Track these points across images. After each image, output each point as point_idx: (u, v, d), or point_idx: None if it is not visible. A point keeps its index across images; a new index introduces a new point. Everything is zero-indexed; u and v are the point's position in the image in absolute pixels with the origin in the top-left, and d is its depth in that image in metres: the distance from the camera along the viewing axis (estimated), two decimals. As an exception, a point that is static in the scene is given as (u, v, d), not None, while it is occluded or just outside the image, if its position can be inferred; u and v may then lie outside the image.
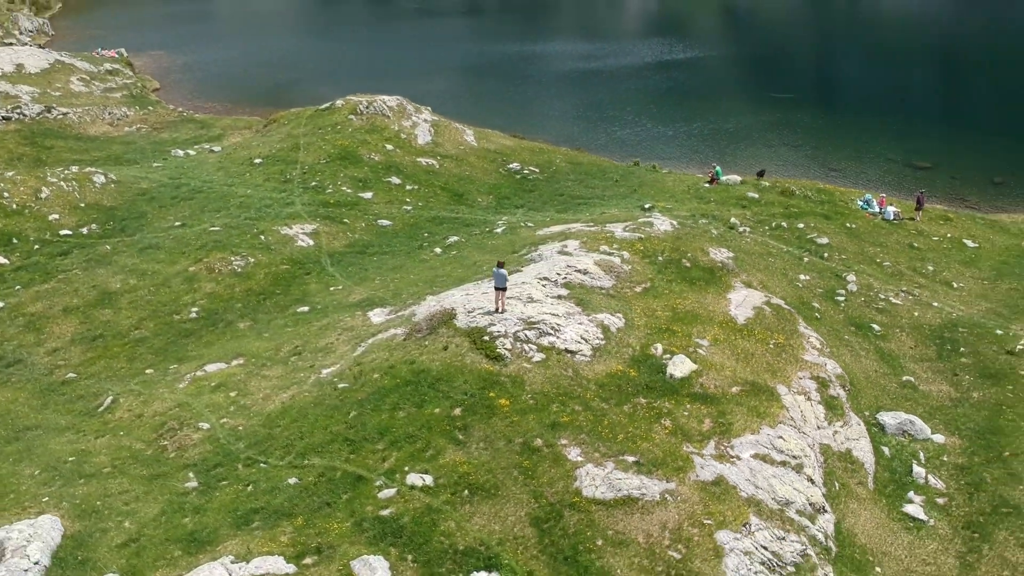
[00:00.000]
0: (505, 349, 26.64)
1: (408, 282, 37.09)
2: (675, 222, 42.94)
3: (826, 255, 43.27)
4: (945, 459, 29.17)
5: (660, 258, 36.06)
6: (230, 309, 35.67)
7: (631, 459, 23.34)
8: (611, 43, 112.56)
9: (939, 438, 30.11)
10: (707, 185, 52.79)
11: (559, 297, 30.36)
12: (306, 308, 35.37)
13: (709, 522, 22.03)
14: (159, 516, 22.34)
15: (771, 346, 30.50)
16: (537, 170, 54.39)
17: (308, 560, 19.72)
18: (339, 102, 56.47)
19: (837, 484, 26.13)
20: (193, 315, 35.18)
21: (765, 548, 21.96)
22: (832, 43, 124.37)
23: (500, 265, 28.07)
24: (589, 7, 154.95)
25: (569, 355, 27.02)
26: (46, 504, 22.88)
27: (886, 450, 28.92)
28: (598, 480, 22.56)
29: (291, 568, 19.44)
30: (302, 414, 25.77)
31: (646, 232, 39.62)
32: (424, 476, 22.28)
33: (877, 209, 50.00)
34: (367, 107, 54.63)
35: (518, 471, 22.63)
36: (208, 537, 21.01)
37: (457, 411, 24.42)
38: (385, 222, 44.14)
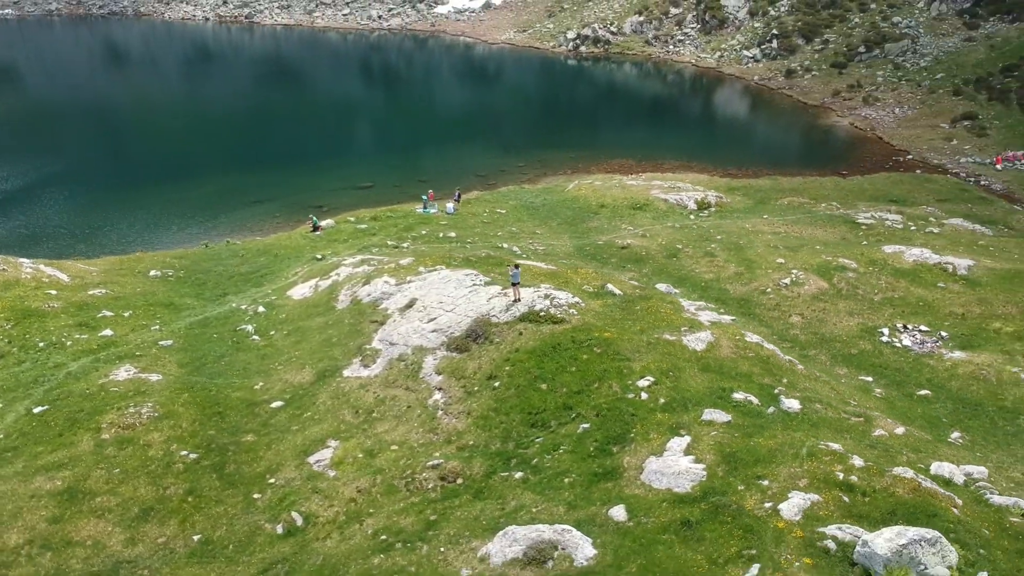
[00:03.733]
0: (559, 315, 37.32)
1: (312, 352, 41.29)
2: (370, 255, 53.59)
3: (470, 240, 58.86)
4: (683, 292, 49.08)
5: (455, 262, 47.61)
6: (210, 439, 35.38)
7: (685, 328, 37.72)
8: None
9: (675, 290, 49.84)
10: (316, 233, 62.22)
11: (502, 291, 40.87)
12: (279, 403, 37.51)
13: (735, 334, 38.04)
14: (542, 492, 28.61)
15: (593, 274, 46.17)
16: (173, 270, 56.25)
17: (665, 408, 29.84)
18: (-82, 273, 48.71)
19: (705, 316, 43.93)
20: (192, 456, 34.16)
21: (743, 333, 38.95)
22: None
23: (516, 267, 37.90)
24: None
25: (579, 303, 38.99)
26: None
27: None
28: (692, 339, 36.55)
29: (687, 445, 29.46)
30: (502, 409, 32.77)
31: (394, 262, 49.97)
32: (645, 379, 33.13)
33: (436, 209, 66.76)
34: (-30, 266, 48.96)
35: (667, 357, 35.06)
36: (612, 468, 28.89)
37: (597, 350, 35.04)
38: (166, 342, 44.25)
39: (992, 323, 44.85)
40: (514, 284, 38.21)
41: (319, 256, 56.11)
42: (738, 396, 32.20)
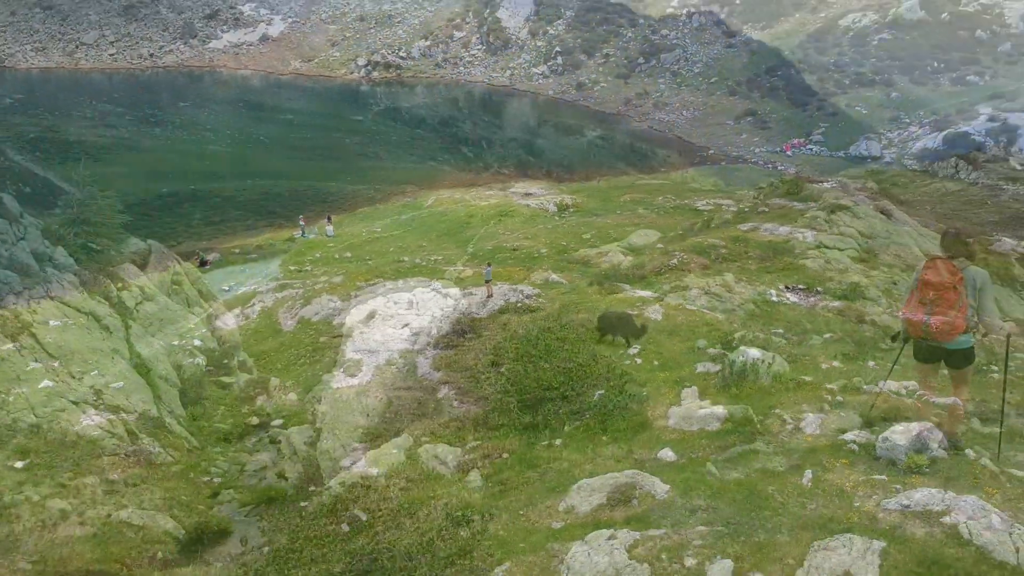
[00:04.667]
0: (533, 304, 41.05)
1: (284, 372, 42.33)
2: (280, 280, 54.81)
3: (369, 258, 60.97)
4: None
5: (388, 274, 50.01)
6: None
7: (639, 304, 42.58)
8: None
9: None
10: (205, 267, 61.67)
11: (465, 291, 43.93)
12: (279, 421, 38.50)
13: (677, 305, 43.52)
14: (586, 451, 32.32)
15: (524, 271, 50.22)
16: (71, 318, 53.99)
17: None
18: None
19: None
20: (217, 480, 34.85)
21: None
22: None
23: (489, 265, 41.12)
24: None
25: (541, 293, 42.88)
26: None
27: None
28: (650, 311, 41.51)
29: (698, 392, 34.28)
30: (515, 390, 36.01)
31: (326, 281, 51.59)
32: (632, 347, 37.68)
33: (316, 233, 68.03)
34: None
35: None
36: (640, 422, 33.08)
37: (581, 330, 39.10)
38: (118, 384, 43.28)
39: (851, 277, 53.42)
40: (487, 281, 41.45)
41: (226, 288, 56.04)
42: (712, 351, 37.43)
